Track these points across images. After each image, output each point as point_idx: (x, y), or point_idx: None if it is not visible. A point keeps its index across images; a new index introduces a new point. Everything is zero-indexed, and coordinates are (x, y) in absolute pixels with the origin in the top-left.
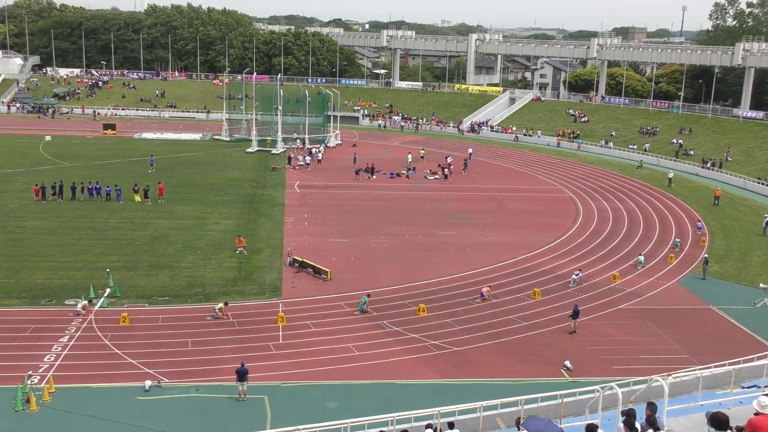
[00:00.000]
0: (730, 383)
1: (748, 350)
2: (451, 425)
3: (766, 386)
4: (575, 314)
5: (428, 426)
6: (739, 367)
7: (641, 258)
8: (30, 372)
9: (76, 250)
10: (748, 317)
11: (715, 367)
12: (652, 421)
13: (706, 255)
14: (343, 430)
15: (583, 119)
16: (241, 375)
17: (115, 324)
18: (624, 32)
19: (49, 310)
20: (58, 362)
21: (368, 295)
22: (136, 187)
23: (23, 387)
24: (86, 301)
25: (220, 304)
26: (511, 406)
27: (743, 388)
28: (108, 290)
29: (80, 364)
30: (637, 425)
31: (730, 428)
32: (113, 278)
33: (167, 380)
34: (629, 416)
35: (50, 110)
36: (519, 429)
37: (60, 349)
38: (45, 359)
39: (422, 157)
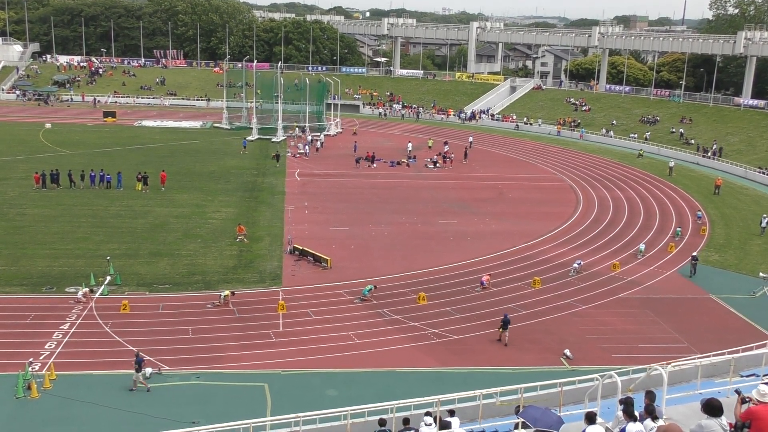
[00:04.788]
0: (729, 372)
1: (748, 339)
2: (451, 413)
3: (765, 375)
4: (505, 324)
5: (428, 414)
6: (738, 356)
7: (641, 247)
8: (31, 359)
9: (77, 238)
10: (748, 306)
11: (714, 355)
12: (650, 409)
13: (694, 253)
14: (343, 418)
15: (584, 108)
16: (140, 364)
17: (115, 312)
18: (625, 21)
19: (50, 297)
20: (59, 349)
21: (375, 286)
22: (139, 175)
23: (24, 374)
24: (87, 289)
25: (227, 292)
26: (511, 394)
27: (742, 376)
28: (108, 278)
29: (81, 351)
30: (636, 414)
31: (738, 421)
32: (114, 266)
33: (168, 368)
34: (627, 404)
35: (50, 97)
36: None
37: (61, 336)
38: (46, 346)
39: (430, 147)
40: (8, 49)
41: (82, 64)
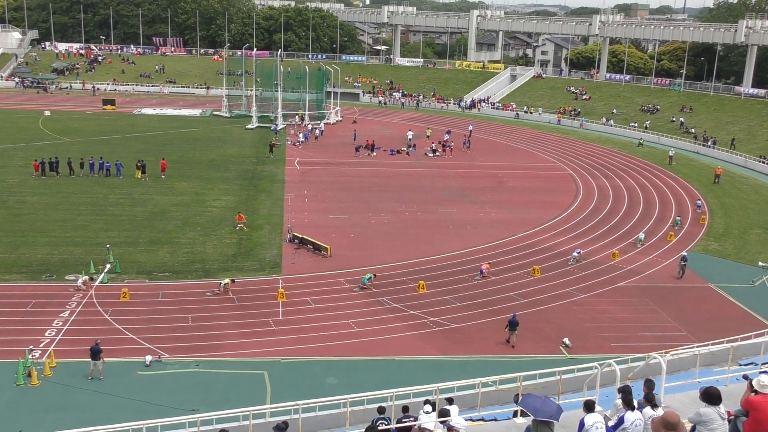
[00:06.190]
0: (727, 360)
1: (746, 328)
2: (450, 401)
3: (764, 363)
4: (513, 325)
5: (427, 402)
6: (737, 345)
7: (641, 236)
8: (31, 346)
9: (76, 226)
10: (747, 295)
11: (712, 344)
12: (650, 397)
13: (684, 253)
14: (342, 406)
15: (584, 97)
16: (95, 353)
17: (115, 299)
18: (626, 9)
19: (50, 285)
20: (59, 337)
21: (374, 274)
22: (139, 163)
23: (25, 361)
24: (87, 277)
25: (227, 280)
26: (510, 383)
27: (741, 365)
28: (108, 266)
29: (81, 339)
30: (635, 402)
31: (741, 412)
32: (113, 254)
33: (168, 355)
34: (626, 393)
35: (52, 85)
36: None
37: (61, 324)
38: (46, 334)
39: (428, 136)
40: (7, 36)
41: (81, 51)
